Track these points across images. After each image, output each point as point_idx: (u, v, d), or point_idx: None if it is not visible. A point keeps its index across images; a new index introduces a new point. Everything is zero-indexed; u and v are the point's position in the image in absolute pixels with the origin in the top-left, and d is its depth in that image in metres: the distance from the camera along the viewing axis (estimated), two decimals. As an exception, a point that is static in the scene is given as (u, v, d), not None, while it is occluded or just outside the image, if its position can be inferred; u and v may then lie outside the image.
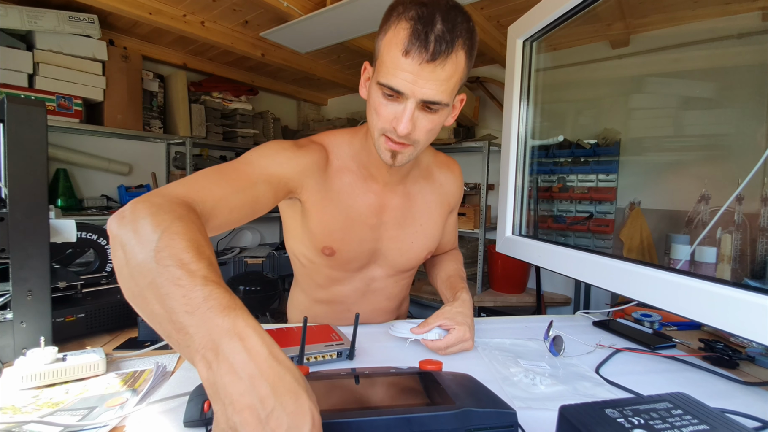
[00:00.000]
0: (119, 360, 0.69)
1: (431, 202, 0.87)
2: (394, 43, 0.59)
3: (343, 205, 0.78)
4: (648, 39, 1.96)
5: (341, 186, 0.79)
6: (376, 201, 0.81)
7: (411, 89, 0.60)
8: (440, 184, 0.90)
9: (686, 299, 0.68)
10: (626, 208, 1.99)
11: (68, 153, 2.27)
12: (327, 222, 0.78)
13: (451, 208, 0.96)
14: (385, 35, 0.61)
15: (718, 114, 1.60)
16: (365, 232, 0.81)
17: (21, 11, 1.82)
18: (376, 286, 0.89)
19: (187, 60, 2.67)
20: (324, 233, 0.79)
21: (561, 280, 2.41)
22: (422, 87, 0.60)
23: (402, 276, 0.92)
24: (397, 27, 0.59)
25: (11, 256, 0.63)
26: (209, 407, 0.45)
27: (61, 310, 0.76)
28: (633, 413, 0.42)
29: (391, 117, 0.64)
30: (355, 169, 0.80)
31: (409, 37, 0.57)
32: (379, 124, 0.66)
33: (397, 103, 0.63)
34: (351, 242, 0.80)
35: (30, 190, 0.64)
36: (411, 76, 0.59)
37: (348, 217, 0.79)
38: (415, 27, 0.57)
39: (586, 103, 2.26)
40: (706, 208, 1.39)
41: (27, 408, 0.52)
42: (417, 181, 0.86)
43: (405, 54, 0.58)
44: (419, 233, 0.86)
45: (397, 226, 0.84)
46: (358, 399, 0.47)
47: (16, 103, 0.63)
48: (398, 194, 0.83)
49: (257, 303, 2.48)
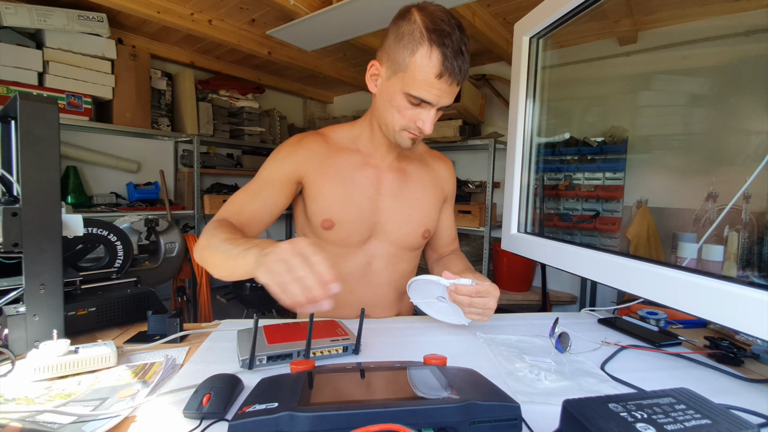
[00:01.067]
0: (130, 353, 0.70)
1: (426, 181, 0.96)
2: (427, 65, 0.72)
3: (341, 178, 0.87)
4: (656, 36, 1.94)
5: (340, 163, 0.88)
6: (373, 174, 0.90)
7: (437, 101, 0.75)
8: (433, 168, 1.00)
9: (692, 296, 0.68)
10: (633, 207, 1.97)
11: (78, 150, 2.30)
12: (326, 195, 0.87)
13: (445, 195, 1.02)
14: (414, 54, 0.72)
15: (727, 111, 1.58)
16: (363, 203, 0.88)
17: (30, 10, 1.85)
18: (377, 266, 0.93)
19: (195, 58, 2.69)
20: (324, 207, 0.87)
21: (567, 279, 2.40)
22: (444, 98, 0.76)
23: (402, 257, 0.95)
24: (431, 53, 0.71)
25: (24, 250, 0.64)
26: (208, 401, 0.50)
27: (73, 304, 0.78)
28: (636, 407, 0.43)
29: (415, 118, 0.78)
30: (354, 149, 0.91)
31: (442, 63, 0.71)
32: (403, 122, 0.80)
33: (421, 108, 0.77)
34: (350, 213, 0.87)
35: (43, 186, 0.65)
36: (439, 92, 0.74)
37: (346, 190, 0.87)
38: (446, 54, 0.71)
39: (593, 101, 2.24)
40: (714, 207, 1.38)
41: (40, 399, 0.53)
42: (412, 162, 0.97)
43: (438, 77, 0.72)
44: (415, 207, 0.93)
45: (394, 197, 0.91)
46: (364, 392, 0.48)
47: (29, 100, 0.64)
48: (394, 170, 0.93)
49: (263, 300, 2.49)
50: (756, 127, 1.42)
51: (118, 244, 1.03)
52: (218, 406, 0.49)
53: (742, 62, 1.51)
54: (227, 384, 0.54)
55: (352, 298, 0.93)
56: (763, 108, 1.39)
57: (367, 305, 0.93)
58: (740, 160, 1.44)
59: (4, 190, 0.79)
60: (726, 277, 0.66)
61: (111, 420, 0.48)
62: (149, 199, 2.50)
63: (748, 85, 1.48)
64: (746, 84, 1.50)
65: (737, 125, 1.53)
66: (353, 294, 0.93)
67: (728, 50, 1.59)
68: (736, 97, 1.55)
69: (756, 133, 1.42)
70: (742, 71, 1.51)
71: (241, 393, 0.56)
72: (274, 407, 0.41)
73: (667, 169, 1.91)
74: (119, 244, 1.03)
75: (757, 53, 1.45)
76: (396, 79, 0.76)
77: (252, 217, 0.83)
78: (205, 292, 2.18)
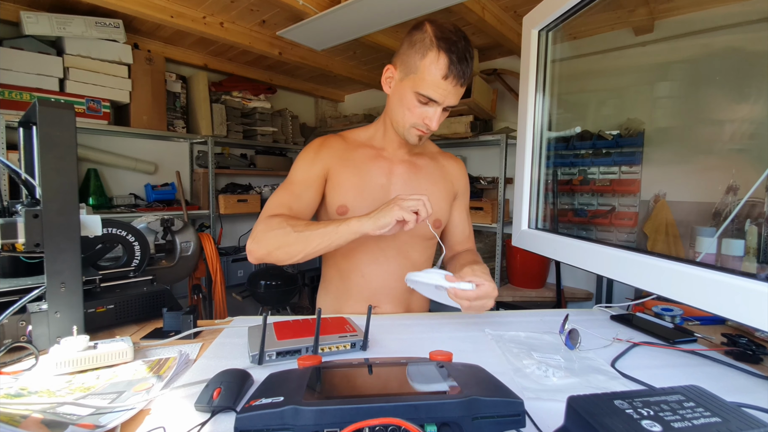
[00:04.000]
0: (146, 348, 0.73)
1: (435, 175, 1.02)
2: (435, 68, 0.81)
3: (357, 169, 0.96)
4: (674, 24, 1.88)
5: (356, 156, 0.98)
6: (386, 165, 0.98)
7: (443, 100, 0.84)
8: (443, 165, 1.05)
9: (708, 293, 0.66)
10: (651, 201, 1.92)
11: (98, 153, 2.37)
12: (343, 184, 0.95)
13: (455, 191, 1.06)
14: (424, 58, 0.82)
15: (749, 100, 1.52)
16: (376, 191, 0.95)
17: (50, 18, 1.91)
18: (389, 253, 0.97)
19: (208, 61, 2.73)
20: (340, 194, 0.94)
21: (582, 275, 2.36)
22: (449, 98, 0.84)
23: (414, 245, 0.99)
24: (439, 56, 0.81)
25: (45, 250, 0.67)
26: (218, 395, 0.51)
27: (93, 301, 0.81)
28: (643, 405, 0.42)
29: (423, 116, 0.87)
30: (369, 145, 1.00)
31: (448, 66, 0.81)
32: (412, 119, 0.88)
33: (429, 106, 0.86)
34: (363, 200, 0.94)
35: (62, 188, 0.68)
36: (445, 92, 0.83)
37: (361, 179, 0.95)
38: (451, 58, 0.80)
39: (607, 93, 2.19)
40: (734, 200, 1.33)
41: (61, 392, 0.56)
42: (422, 157, 1.03)
43: (444, 78, 0.81)
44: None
45: (404, 187, 0.97)
46: (367, 387, 0.48)
47: (47, 106, 0.66)
48: (405, 162, 1.00)
49: (277, 297, 2.53)
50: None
51: (135, 244, 1.06)
52: (228, 400, 0.51)
53: (765, 49, 1.46)
54: (237, 378, 0.55)
55: (363, 284, 0.97)
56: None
57: (378, 293, 0.97)
58: (763, 150, 1.39)
59: (27, 192, 0.83)
60: (744, 273, 0.64)
61: (127, 412, 0.50)
62: (166, 199, 2.56)
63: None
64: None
65: (759, 115, 1.47)
66: (365, 279, 0.97)
67: (750, 37, 1.54)
68: (758, 85, 1.49)
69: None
70: (766, 58, 1.45)
71: (251, 387, 0.57)
72: (279, 401, 0.42)
73: (686, 162, 1.85)
74: (137, 244, 1.06)
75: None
76: (408, 80, 0.85)
77: (300, 215, 0.93)
78: (220, 290, 2.22)
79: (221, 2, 2.00)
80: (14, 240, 0.66)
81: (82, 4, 1.92)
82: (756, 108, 1.49)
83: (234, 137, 2.81)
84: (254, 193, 2.87)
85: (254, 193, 2.87)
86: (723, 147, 1.64)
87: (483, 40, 2.38)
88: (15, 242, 0.66)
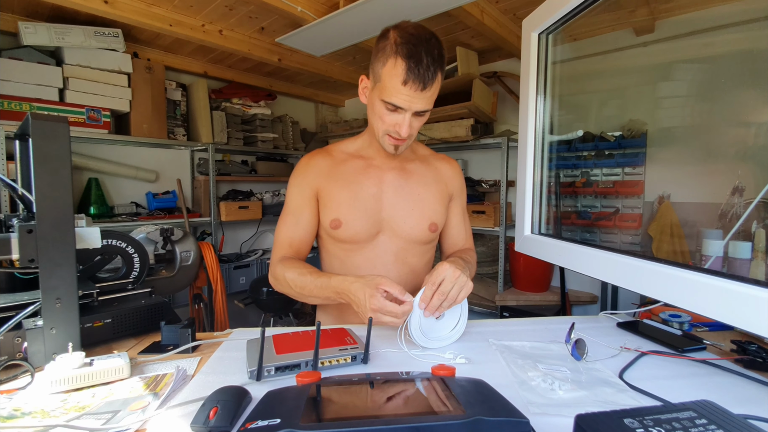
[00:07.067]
0: (143, 364, 0.71)
1: (428, 177, 1.01)
2: (394, 74, 0.80)
3: (347, 182, 0.95)
4: (675, 24, 1.86)
5: (345, 169, 0.97)
6: (376, 174, 0.97)
7: (408, 106, 0.82)
8: (436, 168, 1.04)
9: (717, 301, 0.65)
10: (655, 202, 1.90)
11: (99, 163, 2.37)
12: (335, 198, 0.95)
13: (450, 193, 1.04)
14: (384, 65, 0.81)
15: (753, 100, 1.50)
16: (368, 201, 0.95)
17: (49, 28, 1.92)
18: (386, 260, 0.97)
19: (208, 68, 2.74)
20: (332, 209, 0.95)
21: (587, 278, 2.34)
22: (416, 104, 0.82)
23: (411, 251, 0.98)
24: (396, 63, 0.79)
25: (40, 266, 0.66)
26: (215, 414, 0.50)
27: (90, 315, 0.79)
28: (654, 423, 0.41)
29: (393, 123, 0.86)
30: (359, 156, 1.00)
31: (406, 71, 0.79)
32: (383, 127, 0.87)
33: (397, 113, 0.84)
34: (356, 211, 0.94)
35: (56, 202, 0.67)
36: (408, 98, 0.81)
37: (352, 191, 0.95)
38: (409, 64, 0.78)
39: (608, 95, 2.17)
40: (741, 201, 1.31)
41: (55, 412, 0.55)
42: (413, 162, 1.02)
43: (404, 84, 0.79)
44: (418, 200, 0.98)
45: (396, 192, 0.97)
46: (369, 406, 0.47)
47: (40, 119, 0.66)
48: (396, 169, 0.99)
49: (280, 304, 2.51)
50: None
51: (135, 255, 1.05)
52: (225, 420, 0.49)
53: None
54: (234, 397, 0.54)
55: None
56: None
57: None
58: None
59: (23, 207, 0.82)
60: (751, 280, 0.62)
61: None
62: (168, 207, 2.56)
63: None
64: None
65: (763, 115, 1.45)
66: None
67: (754, 36, 1.52)
68: (762, 84, 1.47)
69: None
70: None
71: (249, 405, 0.56)
72: (276, 423, 0.40)
73: (690, 163, 1.83)
74: (136, 255, 1.05)
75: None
76: (376, 89, 0.86)
77: (301, 243, 0.97)
78: (221, 299, 2.21)
79: (220, 10, 2.00)
80: (8, 256, 0.65)
81: (81, 14, 1.92)
82: (761, 107, 1.47)
83: (235, 144, 2.81)
84: (255, 200, 2.86)
85: (255, 200, 2.86)
86: (728, 147, 1.62)
87: (483, 43, 2.37)
88: (10, 258, 0.65)
